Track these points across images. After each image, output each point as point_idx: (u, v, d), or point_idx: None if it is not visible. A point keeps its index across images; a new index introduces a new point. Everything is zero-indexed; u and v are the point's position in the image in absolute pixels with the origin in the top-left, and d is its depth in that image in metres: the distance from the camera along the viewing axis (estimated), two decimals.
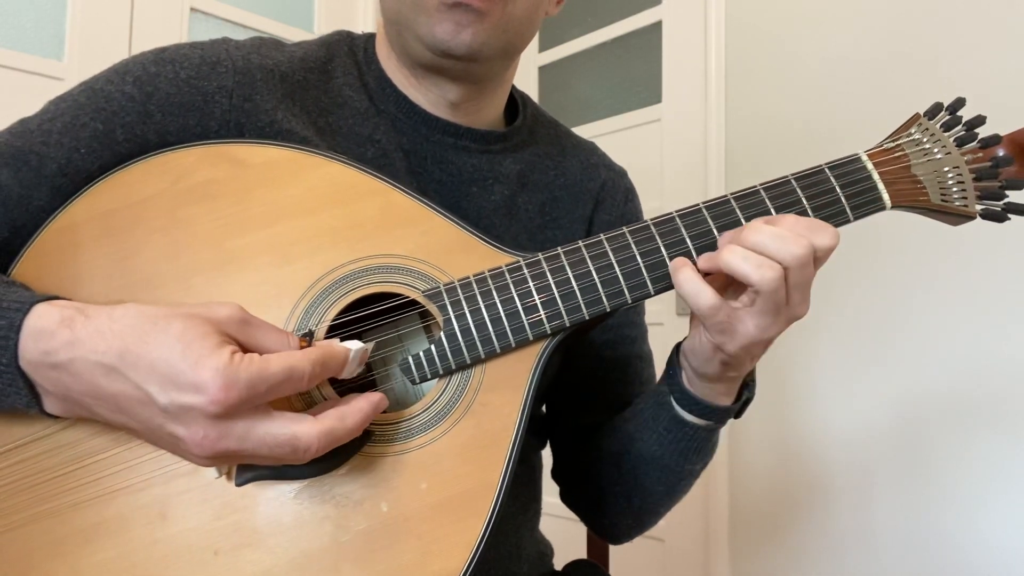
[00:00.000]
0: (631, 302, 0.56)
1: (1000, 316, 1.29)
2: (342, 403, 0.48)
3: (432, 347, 0.54)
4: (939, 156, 0.58)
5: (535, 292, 0.55)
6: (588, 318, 0.56)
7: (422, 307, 0.56)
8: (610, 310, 0.56)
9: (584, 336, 0.76)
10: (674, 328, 1.79)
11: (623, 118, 2.02)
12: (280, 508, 0.50)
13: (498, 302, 0.55)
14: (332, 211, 0.56)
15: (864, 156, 0.58)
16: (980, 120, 0.59)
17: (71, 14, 1.73)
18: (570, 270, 0.56)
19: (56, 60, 1.71)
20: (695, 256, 0.56)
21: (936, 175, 0.58)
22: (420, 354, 0.55)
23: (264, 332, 0.47)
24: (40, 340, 0.44)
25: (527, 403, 0.55)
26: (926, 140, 0.59)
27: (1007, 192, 0.58)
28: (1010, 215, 0.58)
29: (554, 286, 0.56)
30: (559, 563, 0.84)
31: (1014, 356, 1.27)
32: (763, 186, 0.57)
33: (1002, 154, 0.58)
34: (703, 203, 0.57)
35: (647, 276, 0.56)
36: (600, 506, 0.76)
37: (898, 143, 0.59)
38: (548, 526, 0.84)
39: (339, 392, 0.52)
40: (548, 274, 0.56)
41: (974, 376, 1.31)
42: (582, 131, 1.61)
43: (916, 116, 0.60)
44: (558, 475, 0.83)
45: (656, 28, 1.95)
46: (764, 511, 1.60)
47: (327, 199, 0.57)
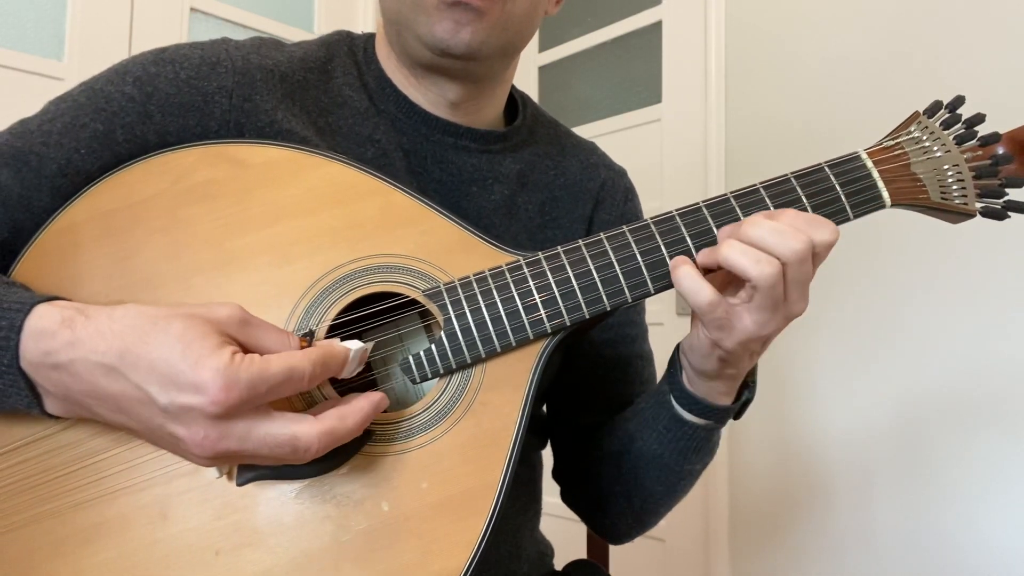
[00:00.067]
0: (631, 301, 0.56)
1: (1000, 315, 1.29)
2: (342, 403, 0.48)
3: (432, 346, 0.54)
4: (939, 154, 0.58)
5: (535, 291, 0.55)
6: (588, 317, 0.56)
7: (422, 307, 0.56)
8: (610, 309, 0.56)
9: (584, 335, 0.76)
10: (674, 328, 1.79)
11: (623, 118, 2.02)
12: (281, 508, 0.50)
13: (498, 301, 0.55)
14: (332, 211, 0.56)
15: (864, 154, 0.58)
16: (980, 118, 0.59)
17: (71, 14, 1.73)
18: (570, 269, 0.56)
19: (56, 60, 1.71)
20: (695, 255, 0.56)
21: (936, 173, 0.58)
22: (420, 353, 0.55)
23: (264, 332, 0.47)
24: (41, 341, 0.44)
25: (528, 402, 0.55)
26: (926, 138, 0.59)
27: (1007, 190, 0.58)
28: (1010, 213, 0.58)
29: (554, 285, 0.56)
30: (559, 563, 0.84)
31: (1014, 356, 1.27)
32: (763, 185, 0.57)
33: (1002, 152, 0.58)
34: (703, 202, 0.57)
35: (647, 275, 0.56)
36: (601, 506, 0.76)
37: (898, 141, 0.59)
38: (548, 526, 0.84)
39: (340, 392, 0.52)
40: (548, 273, 0.56)
41: (974, 376, 1.31)
42: (582, 131, 1.61)
43: (915, 114, 0.60)
44: (559, 475, 0.83)
45: (656, 28, 1.95)
46: (764, 511, 1.60)
47: (327, 199, 0.57)
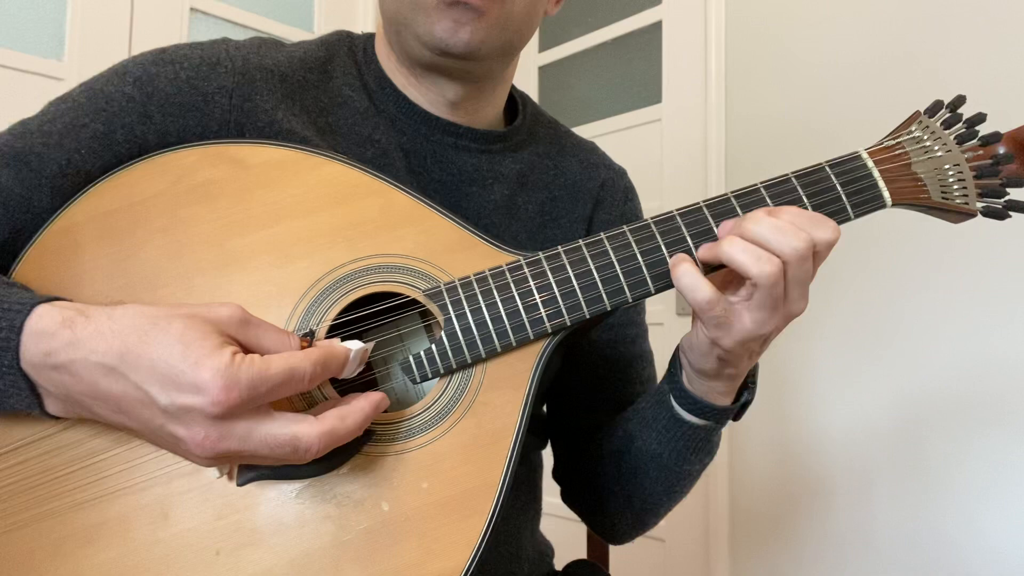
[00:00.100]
0: (632, 301, 0.56)
1: (1000, 315, 1.29)
2: (343, 403, 0.48)
3: (433, 346, 0.54)
4: (940, 154, 0.58)
5: (536, 291, 0.55)
6: (589, 316, 0.55)
7: (423, 306, 0.56)
8: (611, 308, 0.56)
9: (585, 336, 0.76)
10: (674, 328, 1.79)
11: (623, 118, 2.02)
12: (281, 508, 0.50)
13: (499, 301, 0.55)
14: (332, 211, 0.56)
15: (864, 154, 0.58)
16: (981, 118, 0.59)
17: (71, 14, 1.73)
18: (571, 269, 0.56)
19: (56, 60, 1.71)
20: (695, 255, 0.56)
21: (937, 172, 0.58)
22: (421, 353, 0.54)
23: (265, 332, 0.47)
24: (41, 341, 0.44)
25: (528, 402, 0.55)
26: (927, 138, 0.59)
27: (1008, 189, 0.58)
28: (1011, 212, 0.58)
29: (555, 285, 0.56)
30: (559, 563, 0.84)
31: (1014, 356, 1.27)
32: (764, 184, 0.57)
33: (1003, 151, 0.58)
34: (703, 201, 0.57)
35: (648, 275, 0.56)
36: (601, 506, 0.76)
37: (899, 141, 0.59)
38: (548, 526, 0.84)
39: (340, 391, 0.52)
40: (549, 273, 0.56)
41: (974, 376, 1.31)
42: (582, 131, 1.61)
43: (916, 114, 0.60)
44: (559, 475, 0.83)
45: (656, 28, 1.95)
46: (764, 511, 1.60)
47: (327, 199, 0.57)
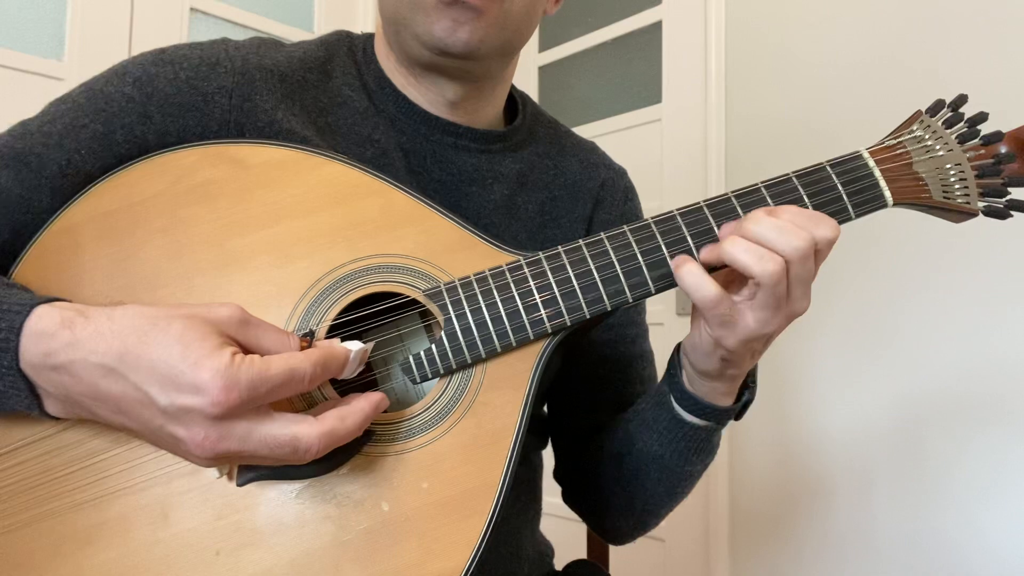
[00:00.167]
0: (632, 300, 0.56)
1: (1000, 315, 1.28)
2: (343, 403, 0.48)
3: (433, 346, 0.54)
4: (941, 153, 0.58)
5: (536, 291, 0.55)
6: (589, 316, 0.55)
7: (423, 306, 0.56)
8: (611, 308, 0.56)
9: (585, 336, 0.76)
10: (675, 328, 1.79)
11: (623, 118, 2.02)
12: (281, 508, 0.50)
13: (499, 301, 0.55)
14: (332, 211, 0.56)
15: (866, 153, 0.58)
16: (982, 117, 0.59)
17: (71, 14, 1.73)
18: (571, 269, 0.56)
19: (56, 60, 1.71)
20: (696, 254, 0.56)
21: (938, 172, 0.58)
22: (421, 353, 0.54)
23: (264, 332, 0.47)
24: (41, 342, 0.44)
25: (528, 402, 0.55)
26: (928, 137, 0.59)
27: (1009, 189, 0.58)
28: (1012, 212, 0.58)
29: (555, 285, 0.55)
30: (559, 563, 0.84)
31: (1014, 355, 1.27)
32: (764, 184, 0.57)
33: (1004, 151, 0.58)
34: (704, 201, 0.57)
35: (648, 274, 0.56)
36: (602, 507, 0.76)
37: (900, 140, 0.59)
38: (548, 526, 0.84)
39: (340, 392, 0.52)
40: (549, 273, 0.56)
41: (974, 376, 1.31)
42: (582, 131, 1.61)
43: (918, 113, 0.60)
44: (560, 476, 0.83)
45: (656, 28, 1.95)
46: (764, 511, 1.60)
47: (327, 199, 0.57)
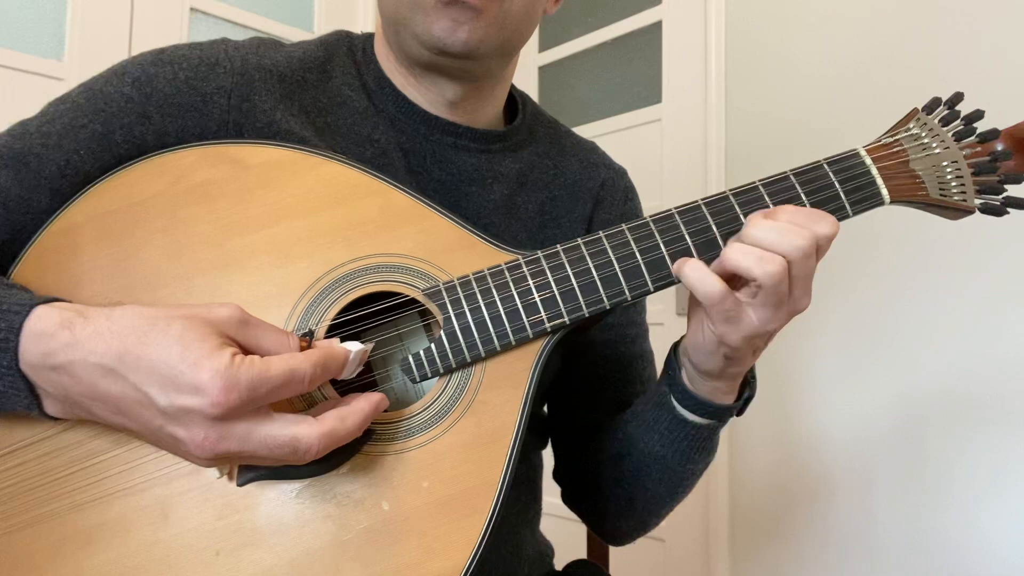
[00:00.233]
0: (631, 299, 0.56)
1: (1000, 314, 1.28)
2: (343, 403, 0.48)
3: (432, 346, 0.54)
4: (937, 151, 0.58)
5: (535, 290, 0.55)
6: (588, 315, 0.55)
7: (422, 306, 0.56)
8: (610, 307, 0.56)
9: (584, 335, 0.76)
10: (675, 328, 1.79)
11: (623, 118, 2.02)
12: (281, 508, 0.50)
13: (498, 300, 0.55)
14: (332, 211, 0.56)
15: (863, 151, 0.58)
16: (978, 114, 0.59)
17: (71, 14, 1.73)
18: (570, 268, 0.56)
19: (56, 60, 1.71)
20: (694, 253, 0.56)
21: (935, 170, 0.58)
22: (420, 353, 0.55)
23: (264, 332, 0.47)
24: (40, 342, 0.44)
25: (528, 401, 0.55)
26: (924, 135, 0.59)
27: (1006, 186, 0.58)
28: (1009, 209, 0.58)
29: (554, 284, 0.56)
30: (559, 563, 0.84)
31: (1014, 356, 1.27)
32: (762, 182, 0.57)
33: (1000, 148, 0.58)
34: (702, 200, 0.57)
35: (647, 273, 0.56)
36: (603, 508, 0.76)
37: (896, 138, 0.59)
38: (548, 526, 0.84)
39: (340, 391, 0.52)
40: (548, 272, 0.56)
41: (974, 376, 1.31)
42: (582, 131, 1.61)
43: (914, 111, 0.60)
44: (560, 477, 0.83)
45: (656, 28, 1.95)
46: (764, 511, 1.60)
47: (327, 199, 0.57)
